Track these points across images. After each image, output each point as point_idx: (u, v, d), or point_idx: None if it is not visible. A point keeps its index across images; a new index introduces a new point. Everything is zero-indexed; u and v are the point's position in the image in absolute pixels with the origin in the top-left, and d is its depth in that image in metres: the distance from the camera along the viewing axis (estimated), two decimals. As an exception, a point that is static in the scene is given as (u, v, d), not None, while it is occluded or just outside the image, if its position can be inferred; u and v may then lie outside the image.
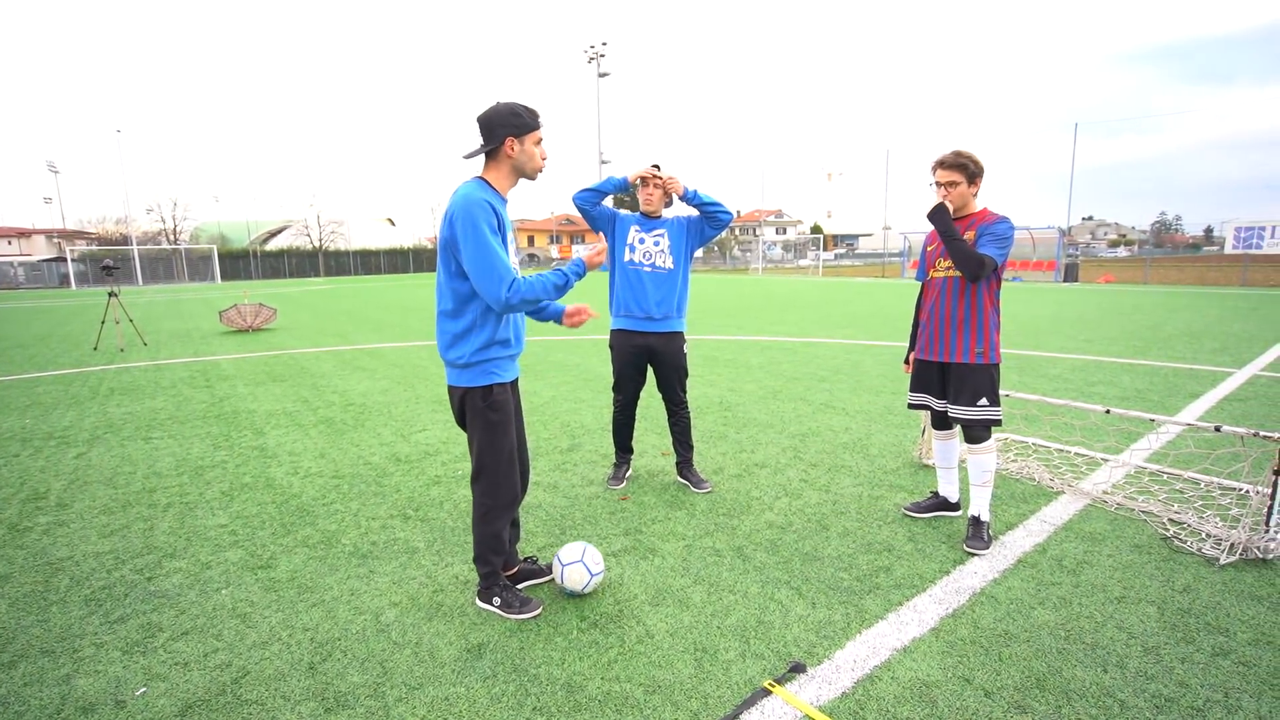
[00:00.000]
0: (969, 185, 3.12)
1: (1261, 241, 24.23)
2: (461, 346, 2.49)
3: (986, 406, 3.16)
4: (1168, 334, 10.37)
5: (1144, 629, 2.45)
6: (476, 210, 2.34)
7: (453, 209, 2.38)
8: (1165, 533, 3.20)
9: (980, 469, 3.20)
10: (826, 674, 2.24)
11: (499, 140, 2.43)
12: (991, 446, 3.20)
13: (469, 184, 2.46)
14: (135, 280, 43.25)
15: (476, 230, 2.33)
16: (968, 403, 3.18)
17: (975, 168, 3.12)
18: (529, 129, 2.47)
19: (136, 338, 12.04)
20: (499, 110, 2.45)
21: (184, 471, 4.48)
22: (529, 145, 2.49)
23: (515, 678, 2.25)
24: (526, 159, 2.50)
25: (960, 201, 3.15)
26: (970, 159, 3.11)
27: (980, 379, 3.15)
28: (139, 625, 2.61)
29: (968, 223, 3.16)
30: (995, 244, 3.06)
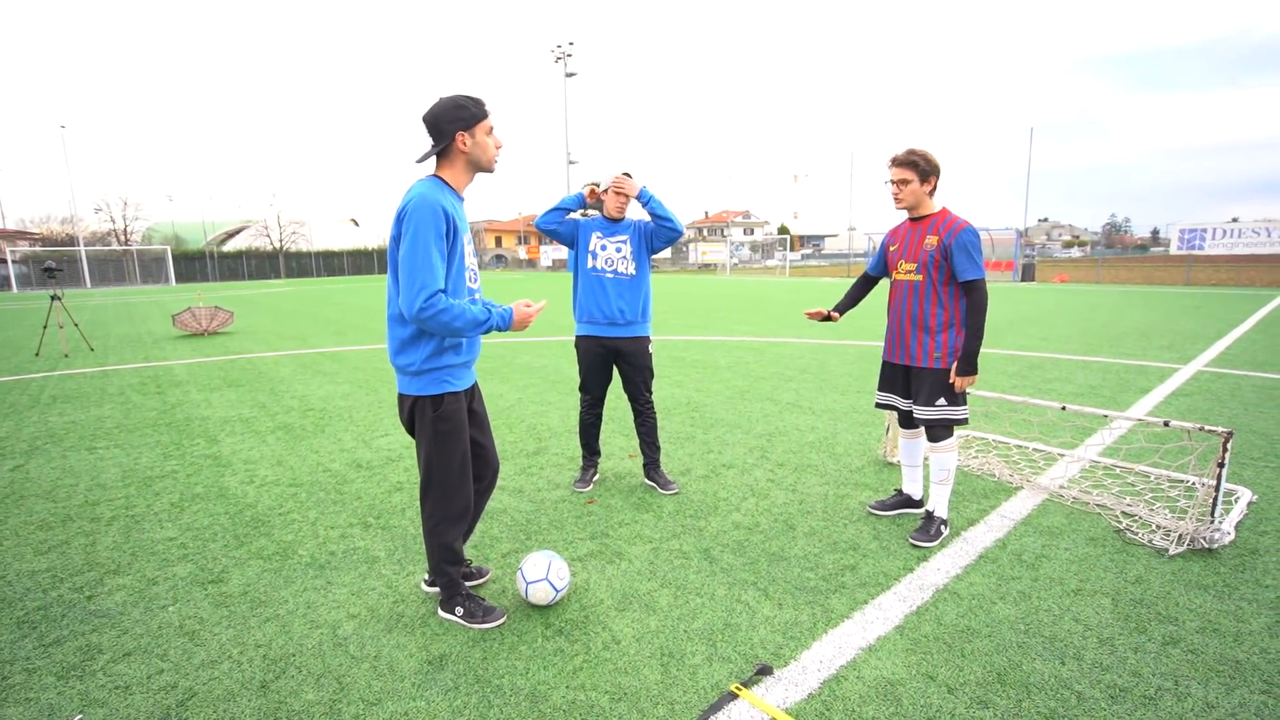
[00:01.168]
0: (921, 183, 3.09)
1: (1203, 242, 25.29)
2: (411, 353, 2.39)
3: (945, 406, 3.16)
4: (1119, 332, 10.73)
5: (1099, 620, 2.51)
6: (426, 214, 2.23)
7: (404, 208, 2.28)
8: (1118, 525, 3.29)
9: (939, 466, 3.23)
10: (793, 675, 2.24)
11: (449, 137, 2.34)
12: (950, 446, 3.21)
13: (424, 183, 2.36)
14: (82, 283, 41.51)
15: (419, 234, 2.22)
16: (926, 402, 3.19)
17: (927, 165, 3.08)
18: (477, 119, 2.37)
19: (82, 342, 11.54)
20: (444, 105, 2.34)
21: (131, 483, 4.29)
22: (480, 136, 2.39)
23: (478, 689, 2.20)
24: (480, 151, 2.40)
25: (913, 200, 3.13)
26: (922, 156, 3.08)
27: (940, 380, 3.15)
28: (77, 648, 2.47)
29: (927, 225, 3.13)
30: (972, 265, 3.03)
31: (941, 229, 3.09)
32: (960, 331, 3.13)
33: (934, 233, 3.10)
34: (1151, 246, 68.22)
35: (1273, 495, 3.65)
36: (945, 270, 3.08)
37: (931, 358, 3.16)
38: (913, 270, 3.17)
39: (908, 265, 3.20)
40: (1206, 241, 25.14)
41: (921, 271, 3.15)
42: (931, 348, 3.15)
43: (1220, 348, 8.88)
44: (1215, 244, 24.96)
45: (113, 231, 58.71)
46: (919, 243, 3.16)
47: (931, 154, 3.10)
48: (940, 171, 3.13)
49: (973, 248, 3.03)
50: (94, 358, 9.97)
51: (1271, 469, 4.06)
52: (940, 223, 3.11)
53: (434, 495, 2.52)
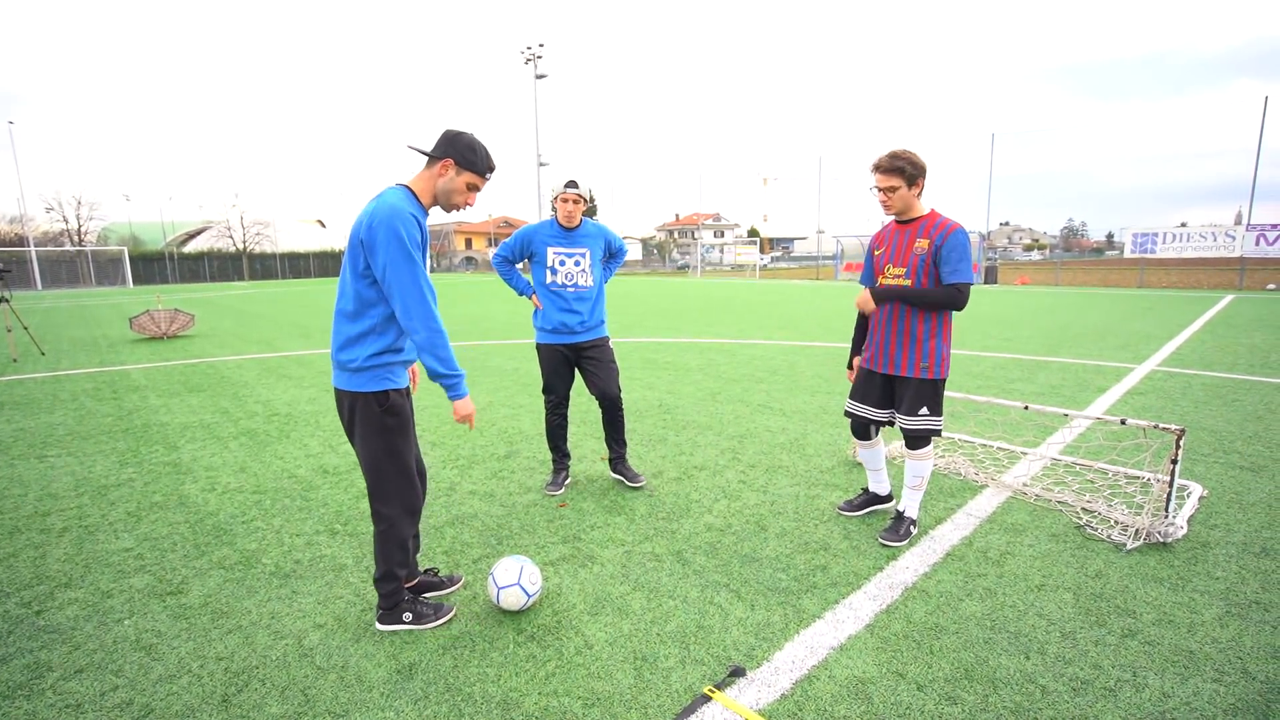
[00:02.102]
0: (909, 188, 2.98)
1: (1155, 246, 26.24)
2: (356, 349, 2.35)
3: (928, 416, 3.11)
4: (1077, 332, 11.06)
5: (1061, 615, 2.58)
6: (402, 225, 2.23)
7: (376, 215, 2.24)
8: (1079, 521, 3.39)
9: (914, 473, 3.22)
10: (765, 676, 2.25)
11: (441, 154, 2.38)
12: (929, 454, 3.19)
13: (394, 191, 2.35)
14: (33, 285, 39.91)
15: (404, 250, 2.23)
16: (908, 412, 3.14)
17: (913, 169, 2.96)
18: (474, 169, 2.41)
19: (32, 346, 11.08)
20: (466, 138, 2.41)
21: (84, 492, 4.13)
22: (461, 182, 2.41)
23: (448, 698, 2.16)
24: (452, 190, 2.41)
25: (903, 205, 3.03)
26: (907, 160, 2.95)
27: (924, 391, 3.10)
28: (24, 665, 2.37)
29: (917, 227, 3.04)
30: (963, 267, 2.92)
31: (933, 232, 2.98)
32: (947, 341, 3.07)
33: (925, 236, 2.99)
34: (1107, 250, 70.59)
35: (1222, 490, 3.79)
36: (935, 275, 2.99)
37: (918, 367, 3.08)
38: (901, 275, 3.06)
39: (896, 270, 3.08)
40: (1158, 245, 26.09)
41: (910, 276, 3.03)
42: (918, 357, 3.07)
43: (1172, 348, 9.21)
44: (1166, 248, 25.92)
45: (66, 232, 56.63)
46: (908, 246, 3.04)
47: (916, 155, 2.98)
48: (927, 171, 3.01)
49: (964, 250, 2.93)
50: (45, 362, 9.59)
51: (1221, 464, 4.22)
52: (931, 225, 3.00)
53: (385, 493, 2.47)
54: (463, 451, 4.83)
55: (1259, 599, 2.66)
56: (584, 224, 3.91)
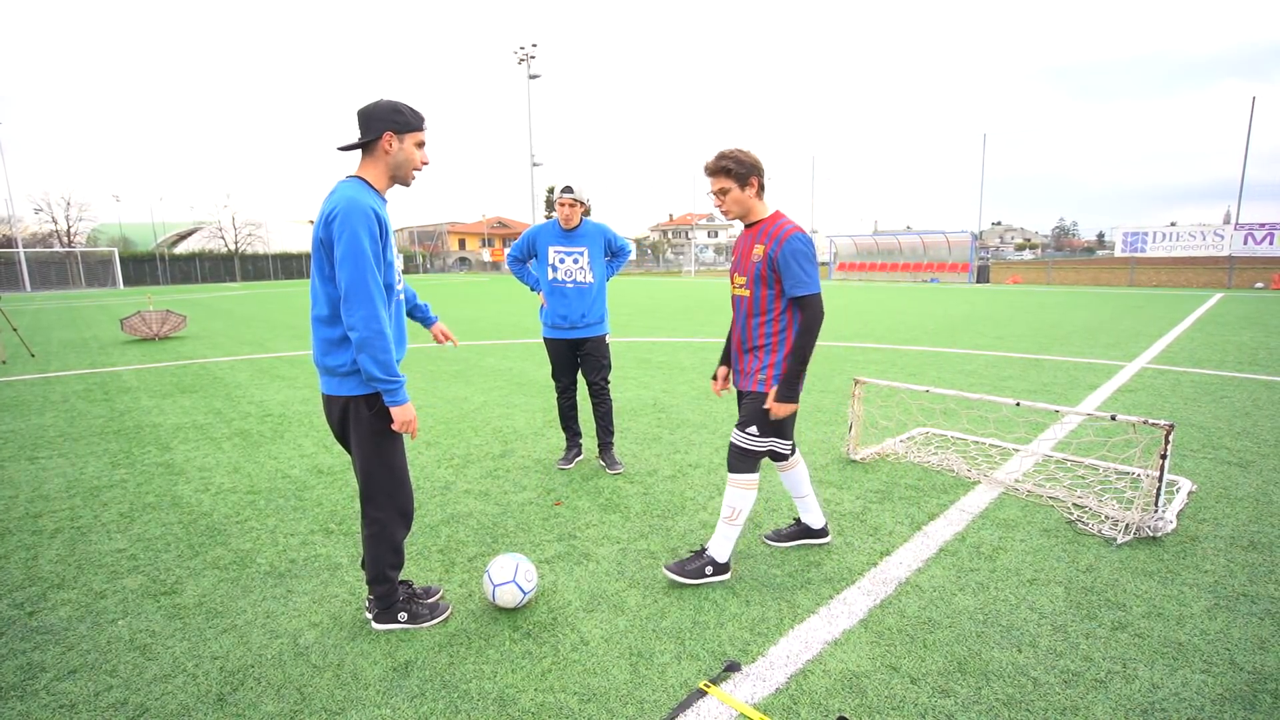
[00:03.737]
0: (741, 188, 2.72)
1: (1145, 245, 26.46)
2: (341, 353, 2.31)
3: (755, 437, 2.78)
4: (1068, 331, 11.14)
5: (1053, 608, 2.60)
6: (360, 220, 2.16)
7: (334, 211, 2.19)
8: (1070, 516, 3.42)
9: (726, 502, 2.84)
10: (761, 671, 2.26)
11: (376, 134, 2.28)
12: (745, 483, 2.79)
13: (349, 183, 2.28)
14: (21, 286, 39.59)
15: (356, 246, 2.16)
16: (739, 425, 2.84)
17: (740, 167, 2.70)
18: (411, 128, 2.33)
19: (22, 348, 10.99)
20: (381, 105, 2.30)
21: (76, 493, 4.11)
22: (409, 145, 2.34)
23: (445, 695, 2.17)
24: (404, 159, 2.35)
25: (741, 208, 2.77)
26: (733, 159, 2.70)
27: (754, 405, 2.80)
28: (17, 666, 2.36)
29: (755, 233, 2.77)
30: (803, 278, 2.64)
31: (768, 238, 2.72)
32: (790, 352, 2.75)
33: (761, 242, 2.74)
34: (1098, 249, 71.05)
35: (1211, 485, 3.83)
36: (775, 285, 2.72)
37: (754, 380, 2.82)
38: (742, 285, 2.83)
39: (739, 279, 2.86)
40: (1148, 244, 26.31)
41: (749, 286, 2.80)
42: (755, 369, 2.82)
43: (1161, 345, 9.29)
44: (1156, 246, 26.13)
45: (55, 233, 56.14)
46: (748, 254, 2.79)
47: (745, 153, 2.73)
48: (760, 169, 2.74)
49: (803, 258, 2.64)
50: (35, 364, 9.52)
51: (1209, 460, 4.26)
52: (768, 230, 2.74)
53: (377, 496, 2.46)
54: (457, 451, 4.82)
55: (1246, 591, 2.70)
56: (584, 224, 4.13)
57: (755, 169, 2.73)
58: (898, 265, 32.69)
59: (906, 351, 9.16)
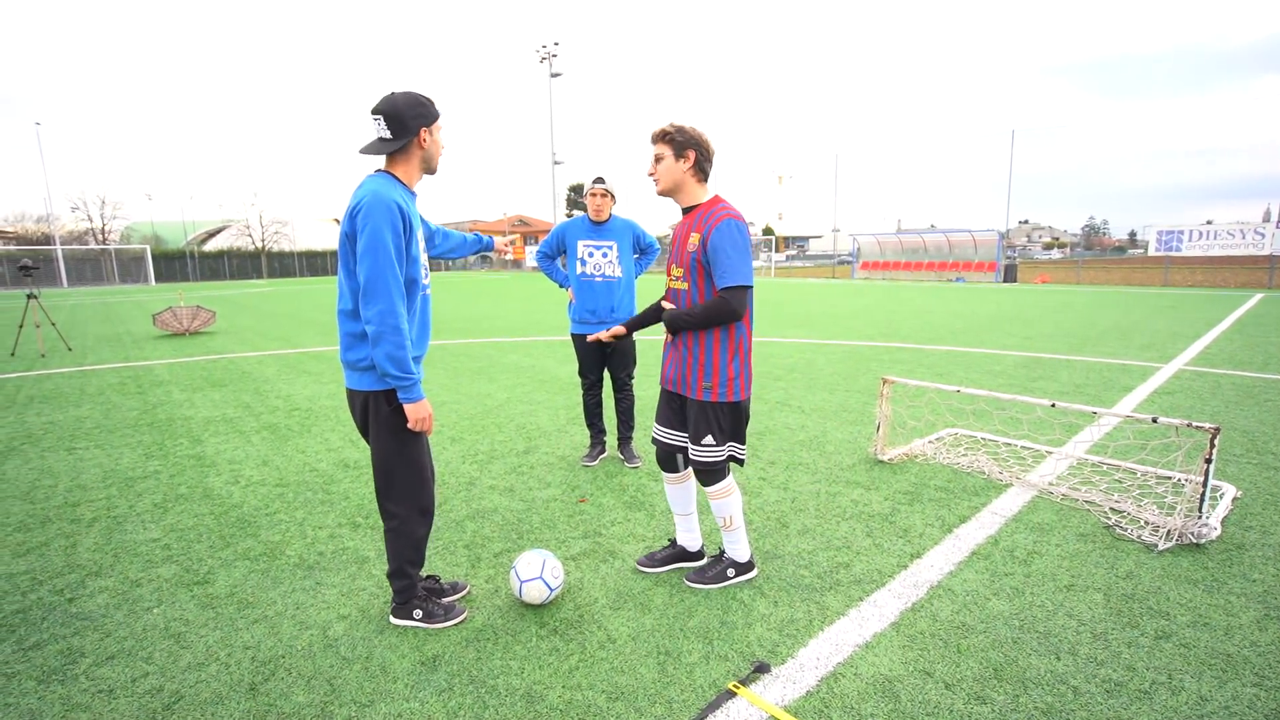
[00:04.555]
0: (677, 159, 2.53)
1: (1180, 244, 25.78)
2: (364, 347, 2.32)
3: (713, 446, 2.63)
4: (1100, 331, 10.88)
5: (1092, 615, 2.53)
6: (383, 214, 2.16)
7: (358, 205, 2.19)
8: (1107, 521, 3.33)
9: (717, 513, 2.75)
10: (790, 673, 2.23)
11: (414, 132, 2.29)
12: (726, 490, 2.70)
13: (376, 178, 2.27)
14: (59, 282, 40.70)
15: (378, 239, 2.15)
16: (692, 439, 2.67)
17: (683, 137, 2.51)
18: (435, 117, 2.35)
19: (60, 342, 11.30)
20: (407, 100, 2.28)
21: (112, 483, 4.20)
22: (436, 134, 2.37)
23: (472, 690, 2.16)
24: (436, 150, 2.38)
25: (670, 180, 2.57)
26: (679, 128, 2.53)
27: (707, 415, 2.62)
28: (58, 651, 2.41)
29: (692, 219, 2.59)
30: (732, 268, 2.43)
31: (702, 224, 2.52)
32: (735, 352, 2.58)
33: (696, 229, 2.54)
34: (1129, 248, 69.42)
35: (1256, 491, 3.70)
36: (712, 275, 2.52)
37: (700, 388, 2.60)
38: (680, 276, 2.63)
39: (676, 270, 2.66)
40: (1183, 243, 25.62)
41: (687, 278, 2.59)
42: (700, 376, 2.59)
43: (1199, 347, 9.03)
44: (1192, 245, 25.44)
45: (90, 231, 57.68)
46: (684, 241, 2.60)
47: (694, 129, 2.55)
48: (704, 148, 2.56)
49: (734, 246, 2.44)
50: (72, 358, 9.77)
51: (1254, 465, 4.12)
52: (704, 216, 2.54)
53: (396, 492, 2.45)
54: (481, 447, 4.84)
55: (1297, 602, 2.60)
56: (613, 219, 4.17)
57: (696, 144, 2.54)
58: (922, 264, 32.23)
59: (932, 351, 9.01)
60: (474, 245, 2.94)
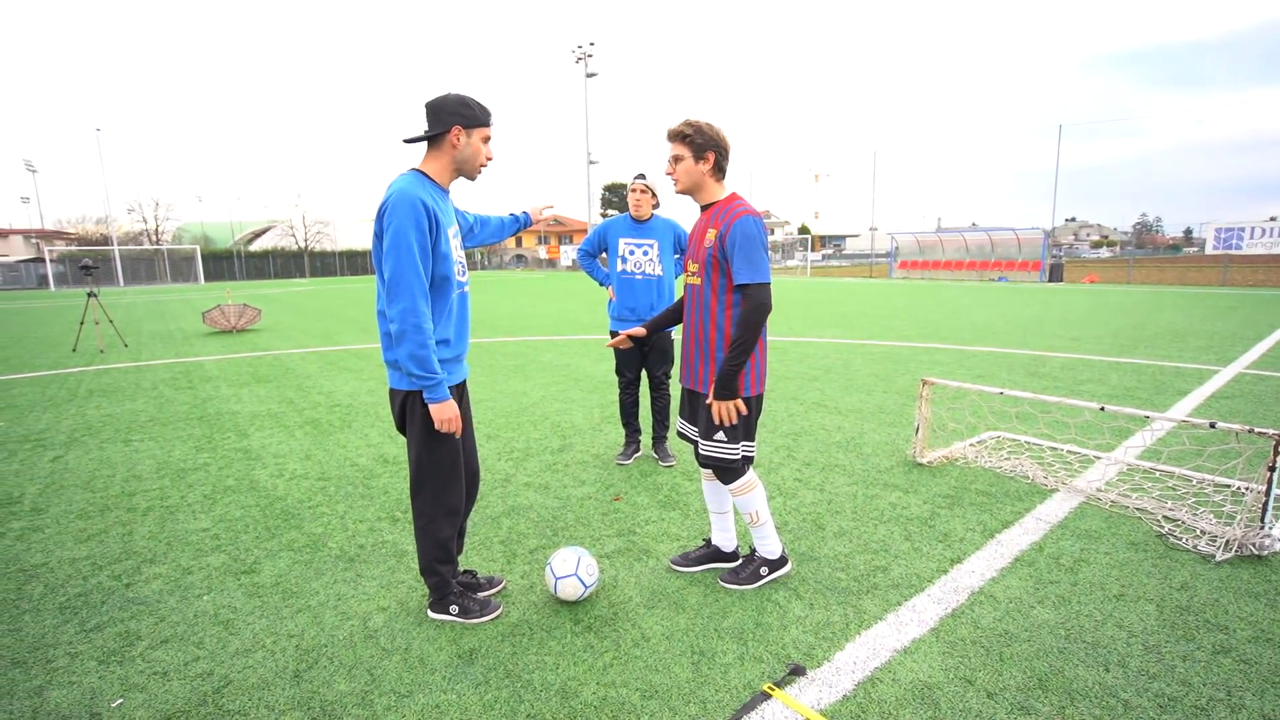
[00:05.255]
0: (695, 160, 2.54)
1: (1241, 242, 24.60)
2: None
3: (724, 443, 2.60)
4: (1152, 332, 10.46)
5: (1144, 627, 2.43)
6: (406, 211, 2.17)
7: (385, 204, 2.22)
8: (1160, 530, 3.20)
9: (742, 509, 2.75)
10: (826, 676, 2.20)
11: (445, 127, 2.30)
12: (747, 486, 2.69)
13: (405, 177, 2.29)
14: (116, 281, 42.56)
15: (401, 238, 2.17)
16: (703, 435, 2.65)
17: (702, 138, 2.52)
18: (479, 123, 2.34)
19: (117, 339, 11.81)
20: (451, 99, 2.32)
21: (165, 474, 4.37)
22: (476, 140, 2.35)
23: (508, 684, 2.19)
24: (471, 154, 2.36)
25: (689, 181, 2.58)
26: (697, 127, 2.52)
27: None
28: (116, 634, 2.52)
29: (709, 216, 2.60)
30: (750, 265, 2.44)
31: (719, 221, 2.53)
32: (756, 355, 2.57)
33: (714, 225, 2.55)
34: (1185, 246, 66.55)
35: (1323, 501, 3.51)
36: (727, 272, 2.53)
37: (708, 382, 2.63)
38: (695, 272, 2.65)
39: (693, 266, 2.67)
40: (1244, 241, 24.45)
41: (701, 273, 2.60)
42: (706, 369, 2.63)
43: (1262, 349, 8.61)
44: (1254, 243, 24.26)
45: (145, 231, 60.13)
46: (701, 239, 2.62)
47: (710, 125, 2.54)
48: (723, 147, 2.56)
49: (752, 243, 2.45)
50: (128, 353, 10.20)
51: (1321, 474, 3.91)
52: (721, 213, 2.55)
53: (426, 491, 2.48)
54: (517, 445, 4.90)
55: (1369, 619, 2.45)
56: (654, 218, 4.19)
57: (715, 144, 2.54)
58: (963, 263, 31.45)
59: (974, 352, 8.79)
60: (512, 225, 2.92)
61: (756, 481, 2.74)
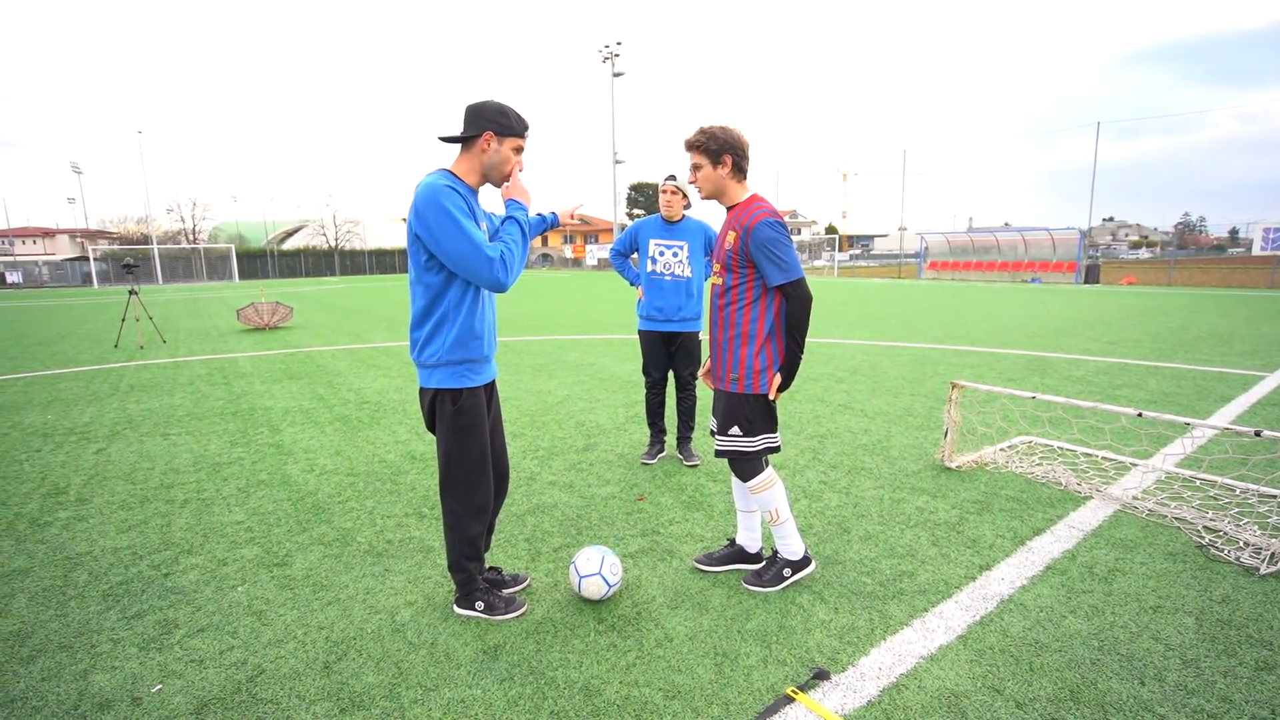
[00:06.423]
0: (713, 166, 2.58)
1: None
2: (430, 347, 2.39)
3: (739, 438, 2.65)
4: (1194, 336, 10.14)
5: (1182, 640, 2.36)
6: (442, 196, 2.20)
7: (417, 200, 2.25)
8: (1200, 540, 3.10)
9: (763, 508, 2.77)
10: (851, 681, 2.18)
11: (478, 131, 2.33)
12: (764, 483, 2.71)
13: (432, 174, 2.32)
14: (155, 279, 43.88)
15: (448, 216, 2.18)
16: (719, 429, 2.71)
17: (716, 144, 2.55)
18: (512, 133, 2.37)
19: (156, 335, 12.18)
20: (490, 105, 2.36)
21: (201, 468, 4.50)
22: (506, 149, 2.37)
23: (532, 680, 2.21)
24: (499, 161, 2.38)
25: (711, 186, 2.62)
26: (709, 133, 2.56)
27: (733, 406, 2.67)
28: (156, 621, 2.60)
29: (731, 217, 2.63)
30: (779, 267, 2.49)
31: (739, 224, 2.57)
32: (761, 347, 2.61)
33: (734, 227, 2.59)
34: (1230, 247, 64.33)
35: (1375, 513, 3.37)
36: (746, 273, 2.57)
37: (727, 379, 2.67)
38: (718, 271, 2.70)
39: (716, 266, 2.72)
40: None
41: (723, 273, 2.66)
42: (728, 366, 2.67)
43: (1309, 355, 8.29)
44: (1303, 245, 23.31)
45: (183, 231, 61.90)
46: (723, 239, 2.67)
47: (724, 129, 2.58)
48: (739, 148, 2.59)
49: (774, 245, 2.49)
50: (166, 349, 10.51)
51: (1373, 485, 3.75)
52: (740, 215, 2.59)
53: (454, 489, 2.51)
54: (542, 443, 4.94)
55: None
56: (686, 219, 4.21)
57: (730, 147, 2.57)
58: (994, 264, 30.81)
59: (1005, 355, 8.62)
60: (539, 225, 2.93)
61: (775, 479, 2.76)
